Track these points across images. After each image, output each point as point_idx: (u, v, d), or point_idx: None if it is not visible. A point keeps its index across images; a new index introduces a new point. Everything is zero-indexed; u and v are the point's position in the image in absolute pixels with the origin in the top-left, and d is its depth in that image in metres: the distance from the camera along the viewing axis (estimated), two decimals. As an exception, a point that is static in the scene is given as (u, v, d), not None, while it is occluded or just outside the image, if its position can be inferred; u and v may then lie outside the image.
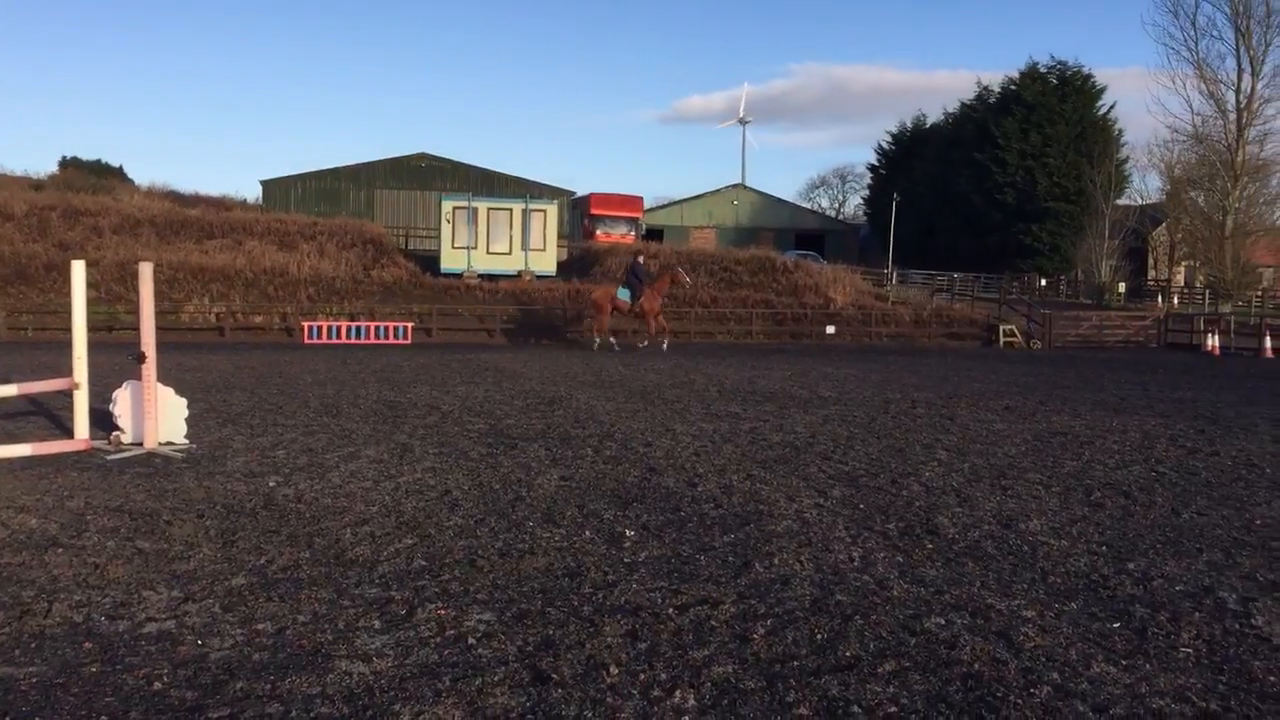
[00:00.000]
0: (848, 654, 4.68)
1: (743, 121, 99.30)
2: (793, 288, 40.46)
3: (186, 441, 10.03)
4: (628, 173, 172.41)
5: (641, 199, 60.32)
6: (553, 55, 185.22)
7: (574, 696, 4.17)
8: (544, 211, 40.01)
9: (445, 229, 38.76)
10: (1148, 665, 4.59)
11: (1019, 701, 4.16)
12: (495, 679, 4.33)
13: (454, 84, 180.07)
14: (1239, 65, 51.06)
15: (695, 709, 4.08)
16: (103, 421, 10.27)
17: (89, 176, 59.61)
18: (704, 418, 13.11)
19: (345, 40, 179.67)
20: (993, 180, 65.64)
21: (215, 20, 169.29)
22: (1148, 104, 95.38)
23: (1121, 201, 63.68)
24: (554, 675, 4.38)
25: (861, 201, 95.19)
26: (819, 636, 4.91)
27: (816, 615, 5.22)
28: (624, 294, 29.31)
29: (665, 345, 29.42)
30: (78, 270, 9.96)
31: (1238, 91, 50.96)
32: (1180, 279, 64.48)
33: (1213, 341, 32.72)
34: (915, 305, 40.49)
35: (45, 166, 79.76)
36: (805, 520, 7.38)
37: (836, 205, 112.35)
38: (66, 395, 10.33)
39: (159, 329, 31.44)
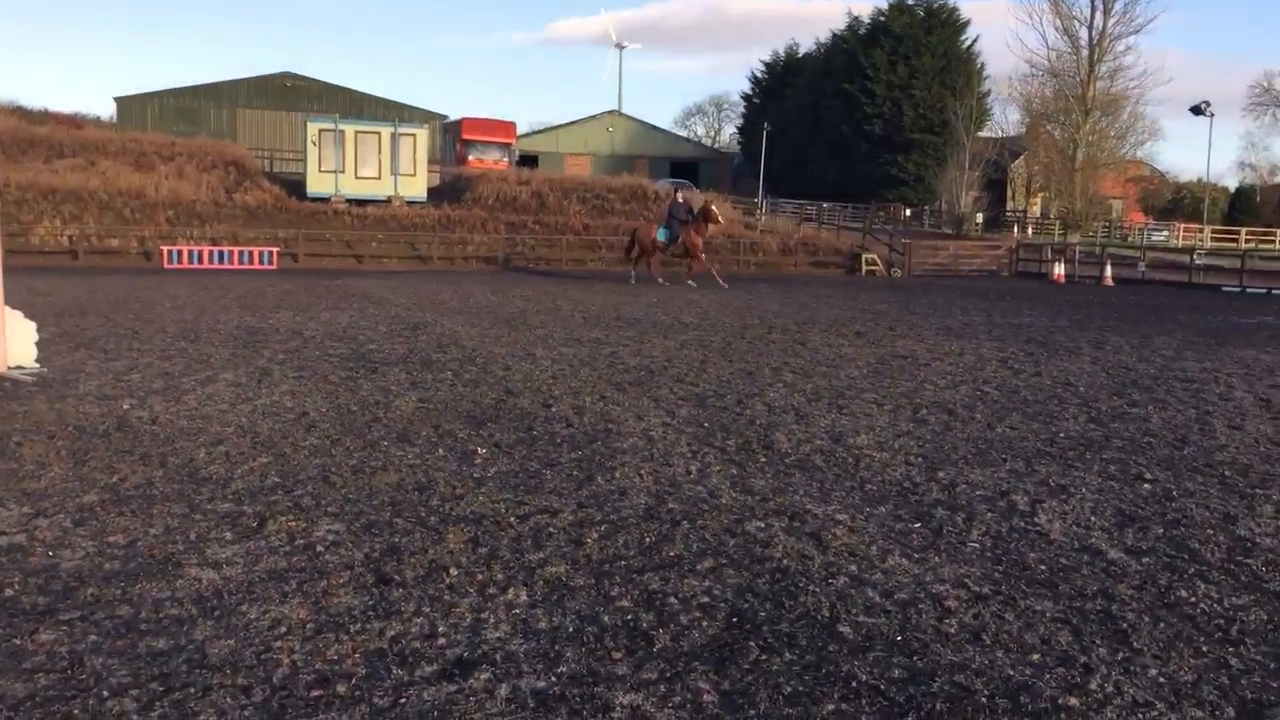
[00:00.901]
0: (671, 554, 5.11)
1: (619, 46, 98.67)
2: (664, 215, 40.87)
3: (37, 365, 9.92)
4: (503, 97, 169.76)
5: (514, 124, 59.77)
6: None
7: (414, 595, 4.49)
8: (414, 136, 39.42)
9: (311, 152, 37.91)
10: (937, 558, 5.13)
11: (817, 590, 4.65)
12: (340, 582, 4.62)
13: (318, 2, 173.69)
14: (1092, 3, 52.97)
15: (526, 603, 4.44)
16: (-53, 346, 10.06)
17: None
18: (566, 343, 13.44)
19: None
20: (862, 111, 66.86)
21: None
22: (1007, 38, 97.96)
23: (984, 134, 65.67)
24: (396, 577, 4.70)
25: (736, 130, 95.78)
26: (647, 540, 5.32)
27: (648, 521, 5.64)
28: (663, 234, 27.95)
29: (724, 282, 27.68)
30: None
31: (1090, 28, 52.96)
32: (1037, 210, 67.06)
33: (1058, 270, 34.36)
34: (783, 234, 41.33)
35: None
36: (650, 438, 7.79)
37: (713, 134, 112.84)
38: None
39: (7, 252, 30.15)
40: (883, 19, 69.64)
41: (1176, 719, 3.51)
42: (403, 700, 3.54)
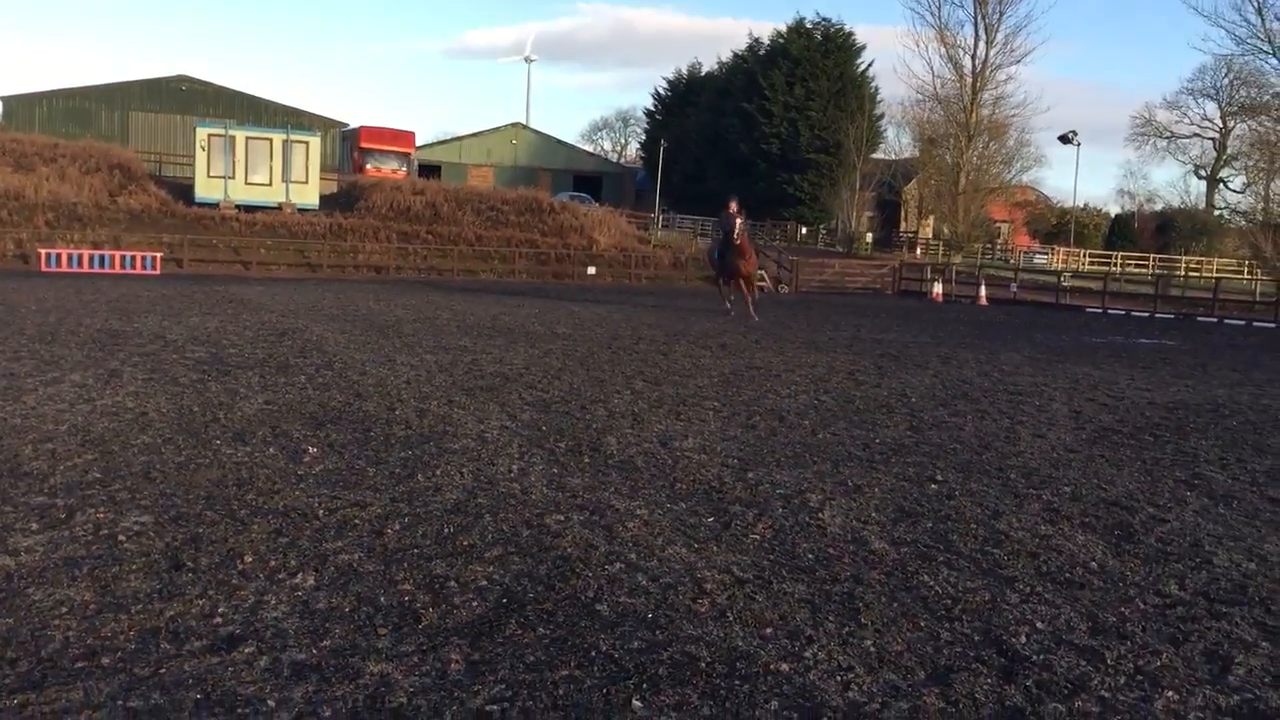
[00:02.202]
0: (465, 543, 5.41)
1: (528, 59, 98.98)
2: (558, 228, 41.24)
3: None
4: (409, 106, 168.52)
5: (413, 134, 59.70)
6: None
7: (202, 579, 4.72)
8: (306, 143, 39.22)
9: (200, 157, 37.47)
10: (715, 548, 5.52)
11: (590, 575, 4.99)
12: (133, 568, 4.82)
13: (221, 1, 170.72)
14: (976, 33, 54.97)
15: (312, 586, 4.70)
16: None
17: None
18: (431, 350, 13.66)
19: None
20: (760, 130, 68.15)
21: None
22: (895, 65, 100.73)
23: (878, 155, 67.48)
24: (190, 564, 4.91)
25: (639, 146, 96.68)
26: (446, 531, 5.62)
27: (452, 514, 5.93)
28: (718, 255, 23.25)
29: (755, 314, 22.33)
30: None
31: (974, 57, 54.93)
32: (929, 232, 69.02)
33: (937, 289, 35.56)
34: (675, 249, 42.00)
35: None
36: (484, 439, 8.08)
37: (619, 148, 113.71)
38: None
39: None
40: (781, 41, 71.14)
41: (870, 680, 3.92)
42: (162, 670, 3.77)
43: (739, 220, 22.05)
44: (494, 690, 3.73)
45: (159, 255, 31.92)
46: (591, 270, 38.21)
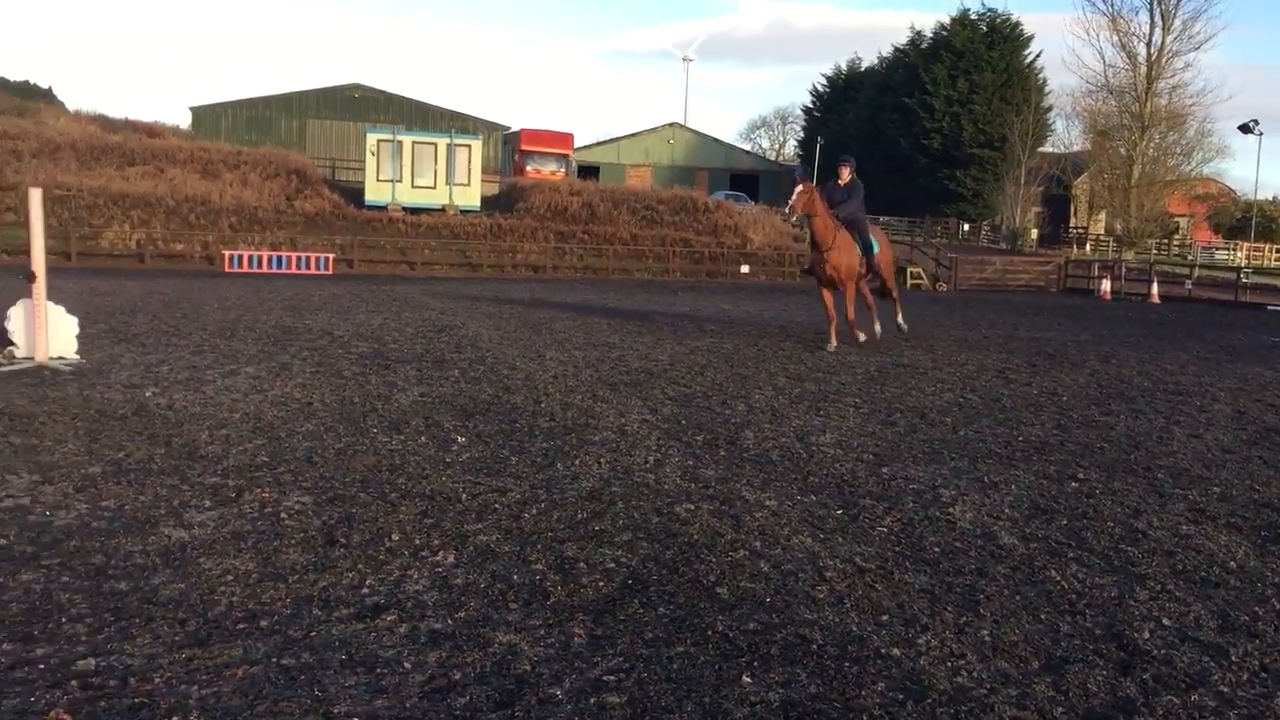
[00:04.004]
0: (596, 528, 5.64)
1: (686, 59, 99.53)
2: (713, 227, 41.43)
3: (77, 357, 10.72)
4: (567, 108, 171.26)
5: (572, 135, 60.73)
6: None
7: (352, 554, 5.09)
8: (469, 146, 40.46)
9: (370, 162, 39.11)
10: (840, 539, 5.61)
11: (714, 560, 5.15)
12: (292, 542, 5.23)
13: (391, 13, 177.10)
14: (1152, 19, 52.59)
15: (452, 563, 5.01)
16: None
17: (12, 98, 58.51)
18: (580, 347, 14.03)
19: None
20: (920, 126, 66.87)
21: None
22: (1063, 54, 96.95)
23: (1046, 149, 65.26)
24: (343, 541, 5.29)
25: (796, 144, 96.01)
26: (579, 516, 5.87)
27: (587, 501, 6.18)
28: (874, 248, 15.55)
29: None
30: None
31: (1149, 44, 52.54)
32: (1101, 227, 66.39)
33: (1105, 287, 34.25)
34: (831, 247, 41.60)
35: (-35, 87, 77.89)
36: (624, 432, 8.33)
37: (777, 146, 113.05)
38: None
39: (79, 254, 31.27)
40: (945, 33, 69.57)
41: (981, 668, 3.97)
42: (313, 634, 4.12)
43: (802, 195, 14.14)
44: (612, 662, 3.93)
45: (331, 256, 33.47)
46: (745, 269, 38.27)
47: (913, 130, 67.23)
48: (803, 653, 4.05)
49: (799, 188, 14.31)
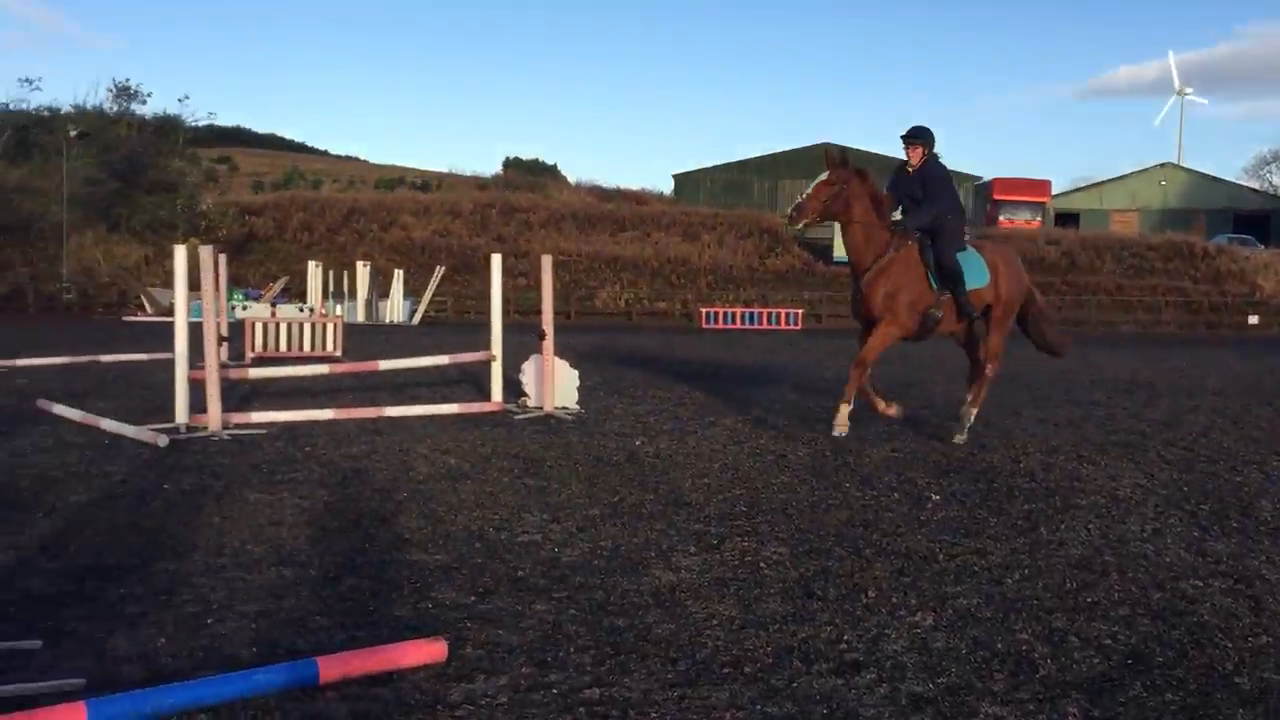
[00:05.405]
0: (1088, 600, 5.25)
1: (1180, 94, 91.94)
2: (1213, 274, 37.78)
3: (578, 407, 11.78)
4: (1039, 154, 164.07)
5: (1048, 183, 58.27)
6: (955, 35, 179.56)
7: (830, 608, 5.10)
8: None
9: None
10: (1392, 634, 4.79)
11: (1230, 645, 4.59)
12: (771, 592, 5.35)
13: (855, 71, 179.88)
14: None
15: (931, 626, 4.88)
16: (513, 387, 12.29)
17: (526, 175, 66.28)
18: (1061, 404, 13.25)
19: (741, 34, 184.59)
20: None
21: (648, 31, 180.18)
22: None
23: None
24: (819, 593, 5.33)
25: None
26: (1068, 585, 5.49)
27: (1075, 570, 5.77)
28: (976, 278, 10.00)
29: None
30: (495, 262, 12.01)
31: None
32: None
33: None
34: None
35: (491, 167, 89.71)
36: (1115, 497, 7.72)
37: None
38: (487, 365, 12.44)
39: (576, 313, 34.87)
40: None
41: None
42: (794, 685, 4.17)
43: (821, 189, 9.50)
44: (1112, 750, 3.61)
45: (800, 312, 34.36)
46: (1253, 319, 34.36)
47: None
48: (1350, 764, 3.49)
49: (821, 177, 9.46)
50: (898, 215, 9.82)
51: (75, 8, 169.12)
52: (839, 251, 39.46)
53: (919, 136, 9.75)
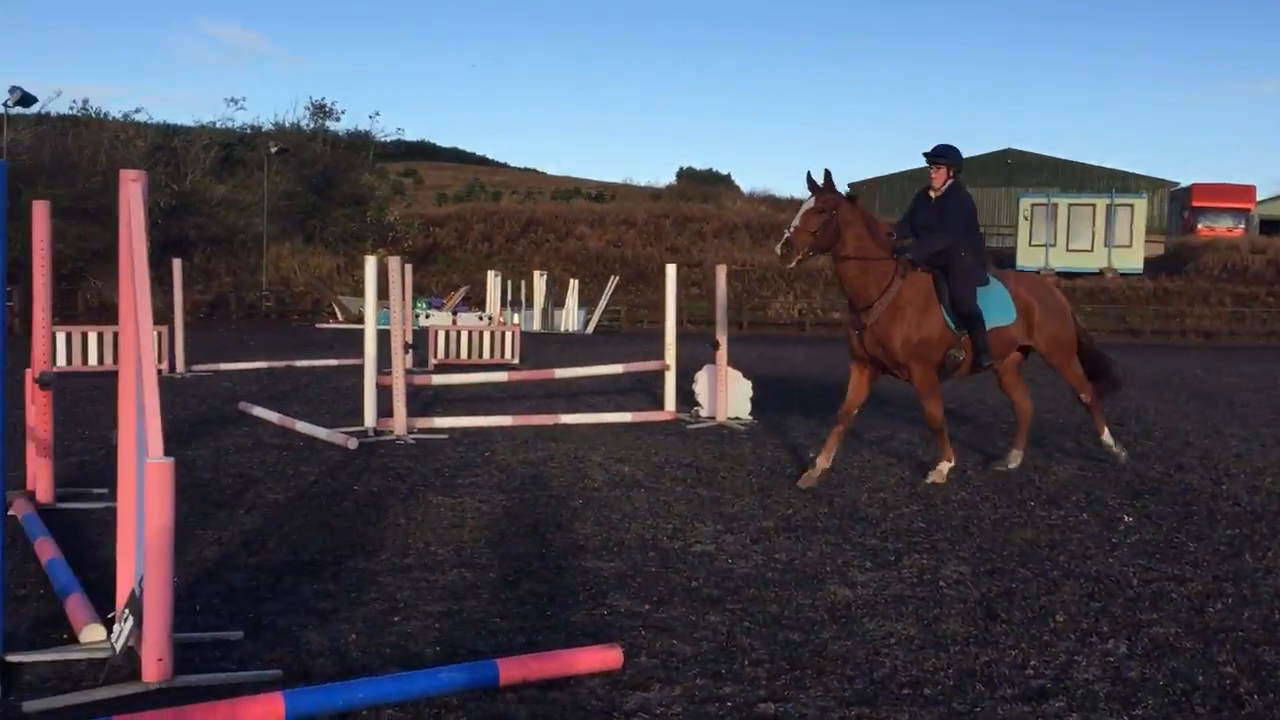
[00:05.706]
0: (1300, 634, 4.90)
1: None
2: None
3: (750, 418, 11.73)
4: (1250, 157, 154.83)
5: (1253, 188, 54.58)
6: (1141, 34, 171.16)
7: (1015, 631, 4.91)
8: (1131, 206, 38.25)
9: (1023, 226, 38.59)
10: None
11: None
12: (952, 612, 5.19)
13: (1044, 76, 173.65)
14: None
15: (1124, 654, 4.64)
16: (686, 397, 12.33)
17: (699, 185, 66.57)
18: (1267, 423, 12.45)
19: (913, 40, 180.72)
20: None
21: (820, 43, 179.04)
22: None
23: None
24: (1003, 615, 5.14)
25: None
26: (1276, 616, 5.14)
27: (1285, 601, 5.40)
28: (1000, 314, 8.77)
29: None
30: (670, 272, 12.10)
31: None
32: None
33: None
34: None
35: (665, 177, 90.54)
36: (1330, 523, 7.20)
37: None
38: (660, 374, 12.52)
39: (749, 323, 34.79)
40: None
41: None
42: (977, 709, 4.03)
43: (809, 219, 8.14)
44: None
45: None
46: None
47: None
48: None
49: (807, 205, 8.20)
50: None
51: (274, 29, 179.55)
52: (1023, 259, 38.17)
53: (944, 156, 8.68)
